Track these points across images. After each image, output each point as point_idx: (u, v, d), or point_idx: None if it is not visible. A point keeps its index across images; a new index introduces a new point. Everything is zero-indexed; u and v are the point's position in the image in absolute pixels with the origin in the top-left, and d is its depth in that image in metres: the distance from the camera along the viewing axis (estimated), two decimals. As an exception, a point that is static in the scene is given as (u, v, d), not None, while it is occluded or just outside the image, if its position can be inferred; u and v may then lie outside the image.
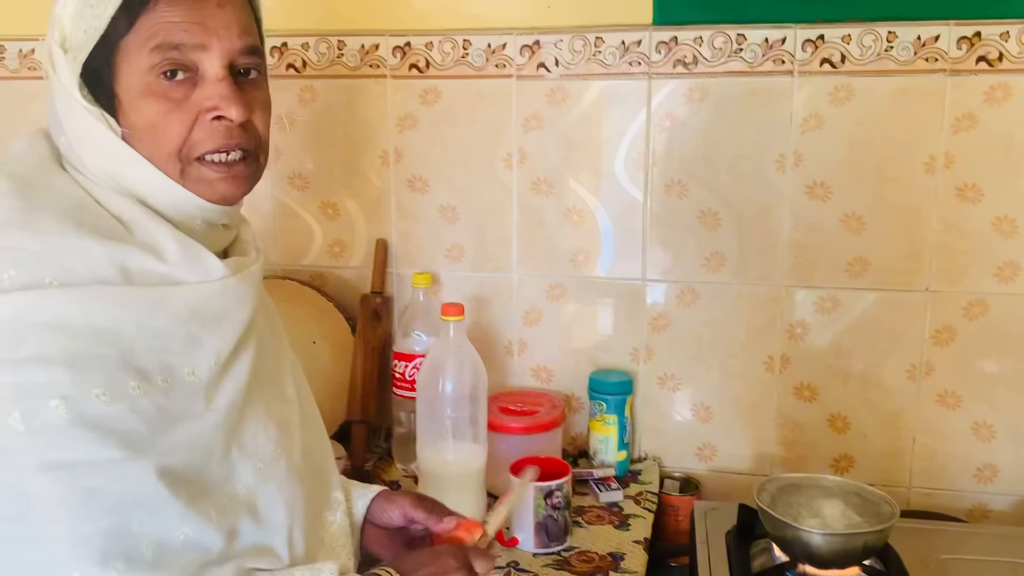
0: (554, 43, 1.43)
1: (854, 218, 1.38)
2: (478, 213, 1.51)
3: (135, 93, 0.77)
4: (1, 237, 0.72)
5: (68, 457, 0.69)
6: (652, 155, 1.43)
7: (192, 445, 0.76)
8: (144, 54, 0.76)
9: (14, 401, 0.68)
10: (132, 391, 0.72)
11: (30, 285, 0.70)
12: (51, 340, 0.69)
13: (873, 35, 1.33)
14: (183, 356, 0.77)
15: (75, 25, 0.77)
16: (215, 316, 0.80)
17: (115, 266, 0.74)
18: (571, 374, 1.53)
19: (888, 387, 1.42)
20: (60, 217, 0.74)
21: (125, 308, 0.73)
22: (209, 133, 0.79)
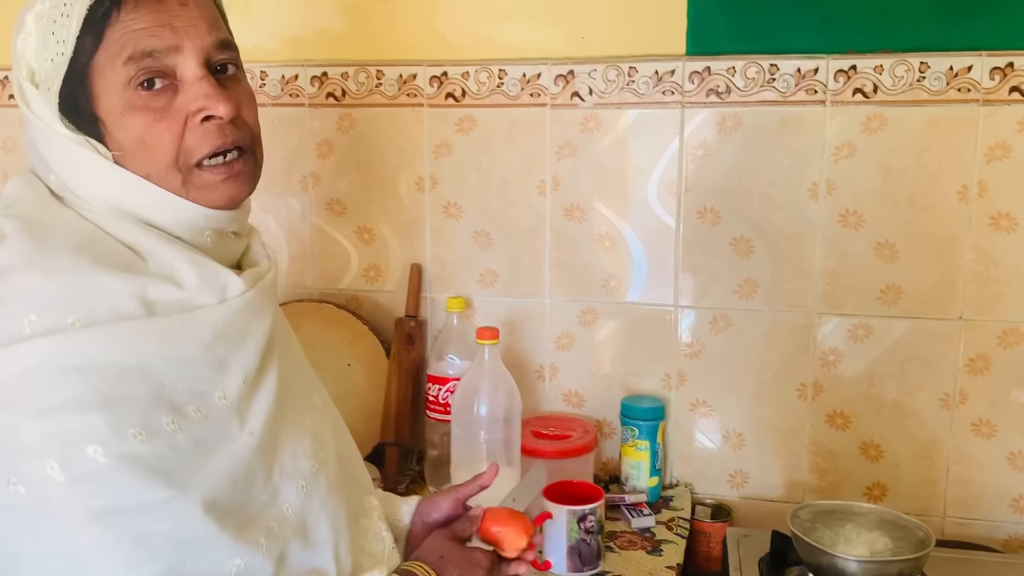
0: (588, 73, 1.45)
1: (887, 246, 1.39)
2: (511, 239, 1.54)
3: (117, 111, 0.75)
4: (17, 281, 0.70)
5: (113, 503, 0.67)
6: (685, 182, 1.45)
7: (234, 472, 0.75)
8: (118, 68, 0.74)
9: (50, 451, 0.66)
10: (167, 426, 0.71)
11: (53, 329, 0.68)
12: (81, 384, 0.68)
13: (905, 65, 1.34)
14: (213, 382, 0.75)
15: (40, 56, 0.75)
16: (239, 335, 0.78)
17: (135, 299, 0.72)
18: (603, 399, 1.54)
19: (922, 415, 1.42)
20: (73, 253, 0.72)
21: (151, 342, 0.72)
22: (202, 136, 0.77)
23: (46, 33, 0.74)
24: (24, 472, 0.66)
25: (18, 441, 0.67)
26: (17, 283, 0.70)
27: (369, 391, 1.54)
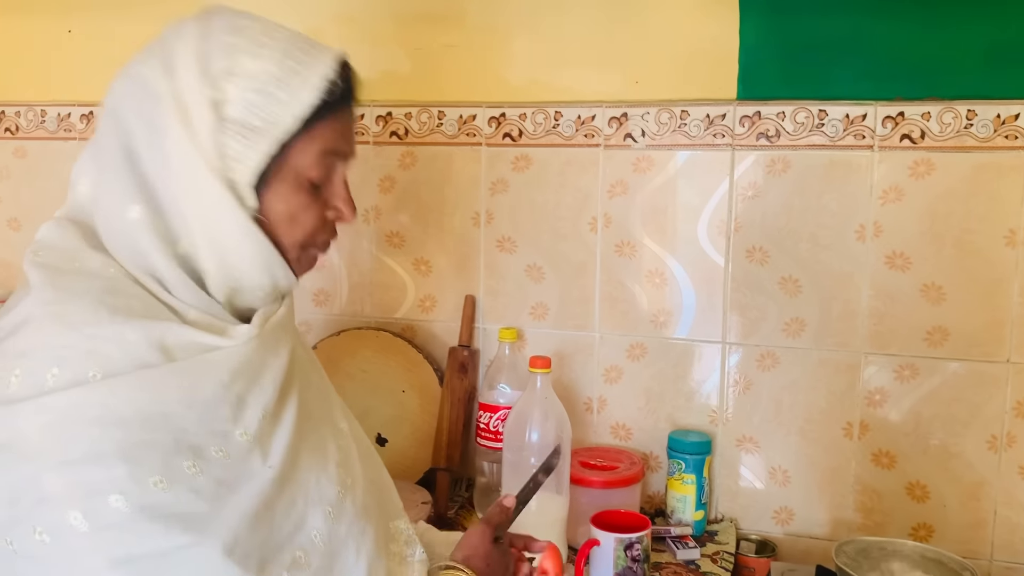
0: (641, 115, 1.51)
1: (934, 288, 1.41)
2: (563, 273, 1.59)
3: (288, 184, 0.80)
4: (40, 335, 0.73)
5: (135, 551, 0.69)
6: (734, 222, 1.49)
7: (256, 508, 0.76)
8: (310, 155, 0.80)
9: (73, 502, 0.68)
10: (188, 471, 0.72)
11: (74, 382, 0.70)
12: (101, 435, 0.69)
13: (952, 112, 1.38)
14: (233, 420, 0.76)
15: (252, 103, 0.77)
16: (256, 372, 0.80)
17: (153, 346, 0.74)
18: (650, 433, 1.57)
19: (968, 457, 1.42)
20: (93, 306, 0.74)
21: (170, 388, 0.73)
22: (327, 227, 0.86)
23: (270, 85, 0.77)
24: (48, 522, 0.68)
25: (42, 492, 0.68)
26: (39, 337, 0.72)
27: (422, 418, 1.59)
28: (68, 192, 0.86)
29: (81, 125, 1.78)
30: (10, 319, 0.76)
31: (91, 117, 1.77)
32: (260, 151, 0.77)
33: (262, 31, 0.79)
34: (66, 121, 1.79)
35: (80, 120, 1.78)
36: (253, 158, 0.77)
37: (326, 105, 0.79)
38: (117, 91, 0.80)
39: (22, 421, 0.69)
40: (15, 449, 0.69)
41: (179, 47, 0.78)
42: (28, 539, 0.69)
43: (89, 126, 1.77)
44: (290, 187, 0.80)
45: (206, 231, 0.78)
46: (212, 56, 0.77)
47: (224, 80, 0.77)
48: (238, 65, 0.77)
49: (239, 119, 0.77)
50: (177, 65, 0.77)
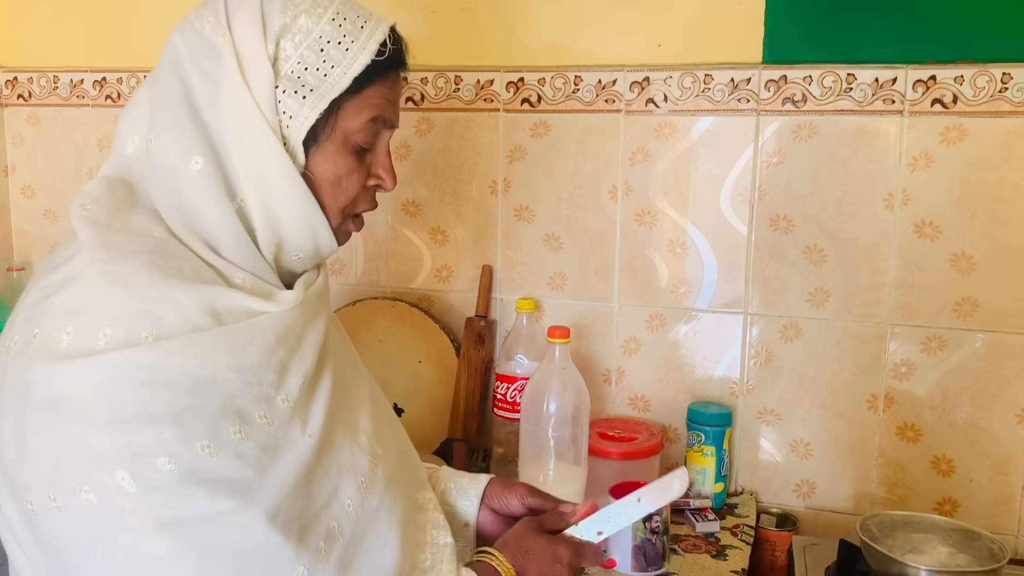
0: (663, 80, 1.47)
1: (963, 258, 1.37)
2: (582, 243, 1.56)
3: (336, 146, 0.82)
4: (92, 294, 0.73)
5: (181, 514, 0.69)
6: (758, 190, 1.45)
7: (296, 476, 0.76)
8: (359, 118, 0.82)
9: (121, 462, 0.68)
10: (234, 436, 0.72)
11: (126, 343, 0.70)
12: (152, 397, 0.69)
13: (987, 76, 1.33)
14: (276, 386, 0.77)
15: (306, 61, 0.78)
16: (297, 339, 0.80)
17: (205, 310, 0.74)
18: (668, 404, 1.55)
19: (996, 431, 1.39)
20: (146, 267, 0.74)
21: (220, 352, 0.73)
22: (368, 195, 0.88)
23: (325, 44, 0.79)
24: (96, 482, 0.68)
25: (90, 451, 0.68)
26: (93, 296, 0.73)
27: (439, 388, 1.57)
28: (113, 150, 0.85)
29: (94, 91, 1.76)
30: (61, 274, 0.75)
31: (104, 83, 1.75)
32: (313, 108, 0.79)
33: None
34: (79, 87, 1.77)
35: (93, 86, 1.76)
36: (306, 115, 0.79)
37: (378, 69, 0.81)
38: (177, 45, 0.81)
39: (72, 379, 0.69)
40: (64, 407, 0.69)
41: (239, 3, 0.79)
42: (74, 497, 0.68)
43: (102, 91, 1.75)
44: (337, 149, 0.82)
45: (257, 184, 0.79)
46: (272, 13, 0.79)
47: (283, 37, 0.79)
48: (296, 23, 0.79)
49: (295, 76, 0.78)
50: (237, 21, 0.78)
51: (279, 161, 0.78)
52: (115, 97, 1.75)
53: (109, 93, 1.75)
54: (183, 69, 0.79)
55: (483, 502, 1.02)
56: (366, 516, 0.83)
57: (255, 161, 0.78)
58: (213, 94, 0.78)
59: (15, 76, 1.80)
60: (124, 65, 1.74)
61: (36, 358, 0.71)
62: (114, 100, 1.75)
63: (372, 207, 0.90)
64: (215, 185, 0.78)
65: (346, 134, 0.82)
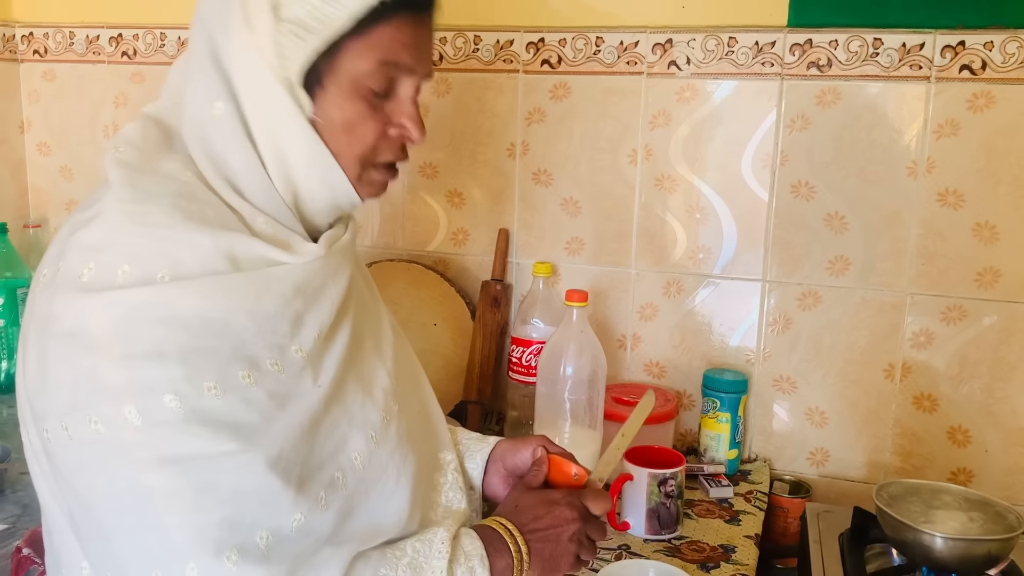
0: (686, 42, 1.45)
1: (987, 227, 1.36)
2: (600, 207, 1.55)
3: (345, 91, 0.78)
4: (114, 232, 0.74)
5: (183, 451, 0.70)
6: (780, 156, 1.44)
7: (302, 425, 0.77)
8: (366, 61, 0.78)
9: (130, 396, 0.69)
10: (243, 380, 0.73)
11: (143, 280, 0.71)
12: (164, 335, 0.70)
13: (1017, 42, 1.31)
14: (290, 335, 0.77)
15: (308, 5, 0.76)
16: (315, 292, 0.80)
17: (223, 255, 0.74)
18: (684, 371, 1.55)
19: (1014, 402, 1.39)
20: (168, 209, 0.75)
21: (235, 297, 0.74)
22: (391, 145, 0.83)
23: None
24: (105, 413, 0.70)
25: (101, 383, 0.70)
26: (114, 233, 0.73)
27: (454, 351, 1.57)
28: (162, 92, 0.86)
29: (110, 48, 1.75)
30: (88, 213, 0.76)
31: (120, 39, 1.74)
32: (308, 48, 0.76)
33: None
34: (95, 44, 1.76)
35: (109, 43, 1.75)
36: (301, 55, 0.76)
37: (385, 8, 0.77)
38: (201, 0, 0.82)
39: (90, 312, 0.71)
40: (81, 339, 0.70)
41: None
42: (84, 426, 0.70)
43: (118, 48, 1.74)
44: (345, 94, 0.78)
45: (267, 131, 0.78)
46: None
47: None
48: None
49: (295, 18, 0.76)
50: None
51: (282, 104, 0.77)
52: (131, 54, 1.74)
53: (125, 50, 1.74)
54: (205, 19, 0.80)
55: (492, 463, 1.01)
56: (374, 470, 0.83)
57: (263, 106, 0.78)
58: (227, 42, 0.78)
59: (31, 32, 1.79)
60: (140, 21, 1.73)
61: (60, 290, 0.72)
62: (130, 57, 1.74)
63: (400, 158, 0.85)
64: (236, 128, 0.78)
65: (354, 78, 0.78)
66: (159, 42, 1.73)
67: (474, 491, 1.01)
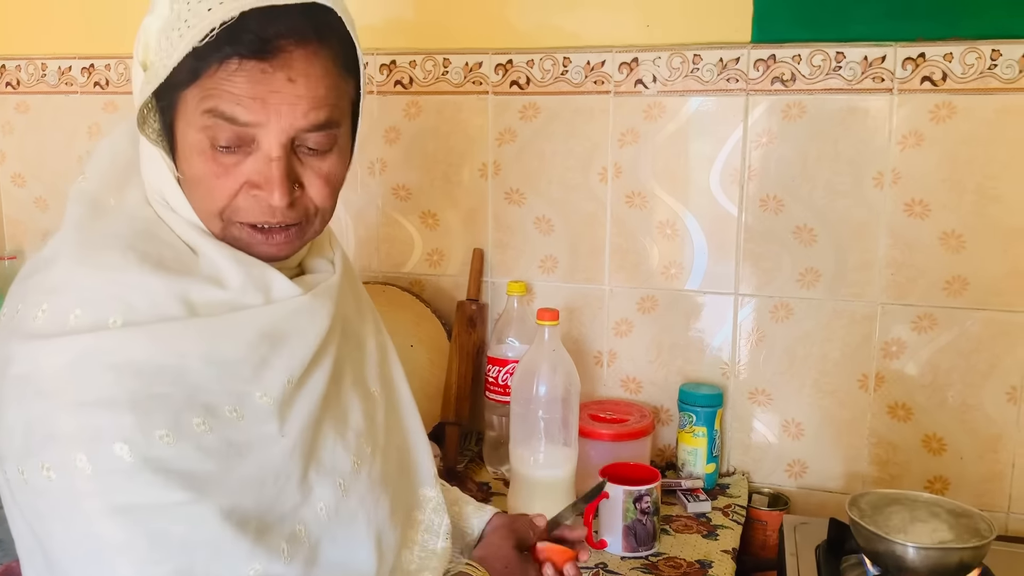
0: (652, 60, 1.46)
1: (953, 236, 1.37)
2: (572, 225, 1.55)
3: (189, 147, 0.75)
4: (68, 274, 0.73)
5: (134, 500, 0.69)
6: (748, 170, 1.45)
7: (262, 476, 0.75)
8: (198, 113, 0.73)
9: (81, 444, 0.68)
10: (197, 428, 0.71)
11: (94, 326, 0.70)
12: (115, 382, 0.69)
13: (976, 53, 1.33)
14: (254, 382, 0.75)
15: (156, 46, 0.73)
16: (285, 337, 0.78)
17: (178, 300, 0.73)
18: (660, 386, 1.55)
19: (987, 409, 1.39)
20: (123, 250, 0.73)
21: (189, 342, 0.72)
22: (252, 205, 0.76)
23: (168, 31, 0.72)
24: (56, 460, 0.69)
25: (53, 429, 0.69)
26: (67, 276, 0.73)
27: (431, 372, 1.57)
28: None
29: (82, 78, 1.75)
30: (44, 253, 0.76)
31: (92, 70, 1.74)
32: (143, 92, 0.74)
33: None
34: (67, 75, 1.76)
35: (81, 73, 1.75)
36: (138, 99, 0.75)
37: (211, 52, 0.70)
38: None
39: (43, 357, 0.70)
40: (33, 383, 0.70)
41: None
42: (37, 473, 0.69)
43: (90, 78, 1.75)
44: (194, 147, 0.74)
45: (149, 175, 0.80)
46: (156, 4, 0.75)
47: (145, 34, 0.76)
48: (155, 9, 0.74)
49: (152, 66, 0.74)
50: None
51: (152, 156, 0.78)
52: (103, 84, 1.74)
53: (98, 80, 1.74)
54: None
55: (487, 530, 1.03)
56: (341, 519, 0.82)
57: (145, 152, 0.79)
58: None
59: (3, 64, 1.80)
60: (112, 52, 1.73)
61: (16, 333, 0.72)
62: (102, 87, 1.74)
63: (262, 220, 0.76)
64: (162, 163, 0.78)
65: (195, 129, 0.73)
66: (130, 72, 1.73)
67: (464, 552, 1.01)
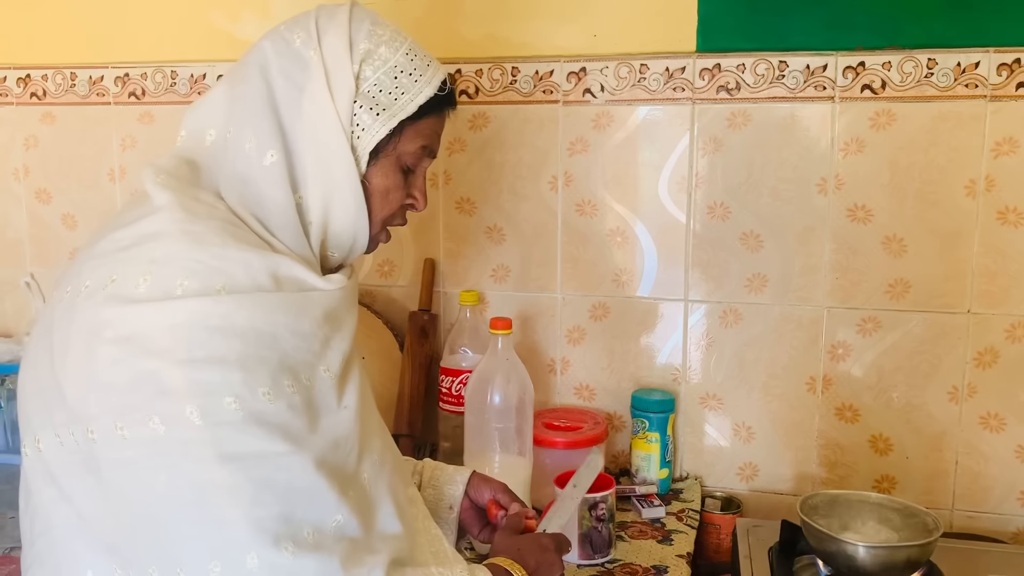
0: (600, 70, 1.48)
1: (895, 240, 1.40)
2: (524, 234, 1.56)
3: (391, 163, 0.92)
4: (173, 249, 0.80)
5: (242, 449, 0.76)
6: (695, 178, 1.47)
7: (335, 439, 0.84)
8: (414, 144, 0.93)
9: (192, 397, 0.75)
10: (287, 389, 0.80)
11: (201, 292, 0.78)
12: (223, 343, 0.77)
13: (913, 62, 1.36)
14: (320, 356, 0.85)
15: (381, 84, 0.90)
16: (340, 320, 0.88)
17: (269, 274, 0.82)
18: (613, 393, 1.56)
19: (931, 409, 1.43)
20: (219, 231, 0.82)
21: (281, 313, 0.81)
22: (402, 213, 0.98)
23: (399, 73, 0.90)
24: (165, 413, 0.75)
25: (162, 385, 0.75)
26: (172, 249, 0.80)
27: (383, 384, 1.56)
28: (181, 138, 0.94)
29: (116, 88, 1.69)
30: (137, 229, 0.83)
31: (127, 79, 1.68)
32: (384, 125, 0.89)
33: (395, 30, 0.93)
34: (99, 84, 1.70)
35: (115, 83, 1.69)
36: (376, 130, 0.89)
37: (437, 103, 0.93)
38: (266, 51, 0.90)
39: (149, 319, 0.76)
40: (139, 343, 0.76)
41: (331, 25, 0.90)
42: (142, 426, 0.75)
43: (124, 88, 1.68)
44: (392, 165, 0.92)
45: (322, 181, 0.88)
46: (358, 39, 0.90)
47: (365, 60, 0.89)
48: (378, 51, 0.90)
49: (371, 95, 0.89)
50: (327, 40, 0.89)
51: (347, 165, 0.88)
52: (139, 94, 1.69)
53: (133, 90, 1.70)
54: (269, 73, 0.88)
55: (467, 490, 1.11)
56: (377, 492, 0.90)
57: (325, 161, 0.88)
58: (296, 98, 0.87)
59: (27, 74, 1.72)
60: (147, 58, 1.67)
61: (112, 300, 0.78)
62: (138, 97, 1.69)
63: (403, 223, 1.00)
64: (284, 177, 0.87)
65: (400, 154, 0.92)
66: (170, 81, 1.67)
67: (452, 510, 1.10)
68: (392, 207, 0.95)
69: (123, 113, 1.70)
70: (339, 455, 0.85)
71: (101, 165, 1.73)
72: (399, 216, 0.98)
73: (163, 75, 1.66)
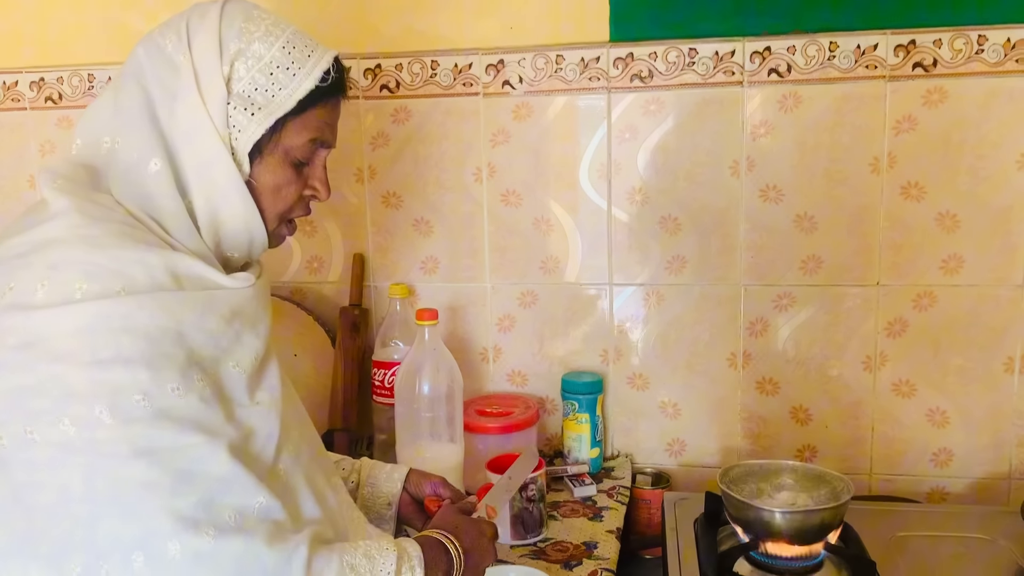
0: (517, 61, 1.50)
1: (806, 218, 1.46)
2: (451, 226, 1.58)
3: (278, 160, 0.91)
4: (70, 253, 0.81)
5: (156, 444, 0.77)
6: (614, 165, 1.50)
7: (250, 429, 0.86)
8: (299, 137, 0.92)
9: (99, 397, 0.76)
10: (198, 383, 0.81)
11: (101, 295, 0.78)
12: (128, 343, 0.78)
13: (816, 45, 1.41)
14: (229, 352, 0.86)
15: (255, 81, 0.88)
16: (251, 318, 0.90)
17: (168, 272, 0.83)
18: (545, 377, 1.60)
19: (846, 379, 1.49)
20: (116, 232, 0.83)
21: (184, 310, 0.82)
22: (303, 204, 0.98)
23: (275, 69, 0.89)
24: (75, 414, 0.76)
25: (69, 388, 0.76)
26: (70, 254, 0.80)
27: (316, 380, 1.57)
28: (75, 145, 0.94)
29: (32, 93, 1.66)
30: (33, 236, 0.83)
31: (42, 83, 1.65)
32: (260, 125, 0.89)
33: (272, 23, 0.91)
34: (14, 90, 1.66)
35: (30, 87, 1.65)
36: (253, 130, 0.89)
37: (321, 94, 0.91)
38: (140, 58, 0.90)
39: (50, 324, 0.77)
40: (42, 348, 0.77)
41: (201, 26, 0.89)
42: (52, 428, 0.76)
43: (40, 92, 1.65)
44: (279, 162, 0.91)
45: (205, 186, 0.89)
46: (229, 38, 0.89)
47: (237, 60, 0.88)
48: (251, 48, 0.89)
49: (246, 95, 0.88)
50: (196, 42, 0.88)
51: (226, 168, 0.88)
52: (55, 99, 1.66)
53: (49, 95, 1.67)
54: (145, 80, 0.88)
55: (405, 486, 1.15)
56: (295, 482, 0.92)
57: (205, 166, 0.88)
58: (170, 105, 0.87)
59: None
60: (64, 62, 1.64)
61: (11, 308, 0.79)
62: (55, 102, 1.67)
63: (306, 213, 0.99)
64: (170, 184, 0.87)
65: (287, 149, 0.91)
66: (87, 84, 1.64)
67: (391, 507, 1.15)
68: (287, 202, 0.94)
69: (40, 118, 1.68)
70: (255, 446, 0.87)
71: (20, 172, 1.71)
72: (299, 208, 0.97)
73: (80, 79, 1.64)
